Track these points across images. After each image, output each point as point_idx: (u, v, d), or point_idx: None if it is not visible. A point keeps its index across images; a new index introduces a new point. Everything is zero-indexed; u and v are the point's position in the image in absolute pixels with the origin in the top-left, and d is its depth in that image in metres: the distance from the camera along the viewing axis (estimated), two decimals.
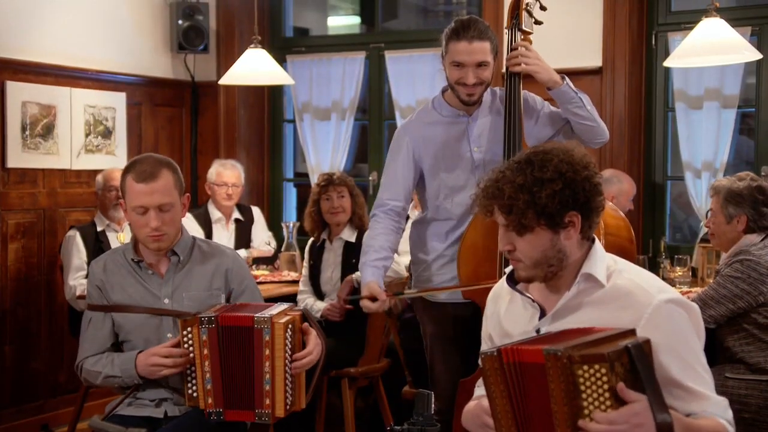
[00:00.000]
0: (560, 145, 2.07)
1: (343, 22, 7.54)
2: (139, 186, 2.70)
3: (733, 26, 4.10)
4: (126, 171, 2.77)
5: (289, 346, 2.56)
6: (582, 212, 2.00)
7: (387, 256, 3.22)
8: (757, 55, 4.18)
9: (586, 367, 1.72)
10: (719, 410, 1.94)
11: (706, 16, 4.08)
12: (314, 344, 2.64)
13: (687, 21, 4.55)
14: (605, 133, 3.24)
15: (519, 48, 3.14)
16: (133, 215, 2.74)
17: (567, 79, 3.13)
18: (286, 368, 2.55)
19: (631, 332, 1.85)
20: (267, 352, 2.53)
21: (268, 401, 2.56)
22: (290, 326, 2.57)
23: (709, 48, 4.05)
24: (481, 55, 3.06)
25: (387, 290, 3.17)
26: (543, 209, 1.97)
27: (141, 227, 2.73)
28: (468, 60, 3.06)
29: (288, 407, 2.58)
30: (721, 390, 3.17)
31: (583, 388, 1.73)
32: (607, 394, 1.72)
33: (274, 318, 2.54)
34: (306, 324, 2.69)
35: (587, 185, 2.00)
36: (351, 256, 4.41)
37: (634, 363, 1.75)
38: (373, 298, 3.07)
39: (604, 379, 1.72)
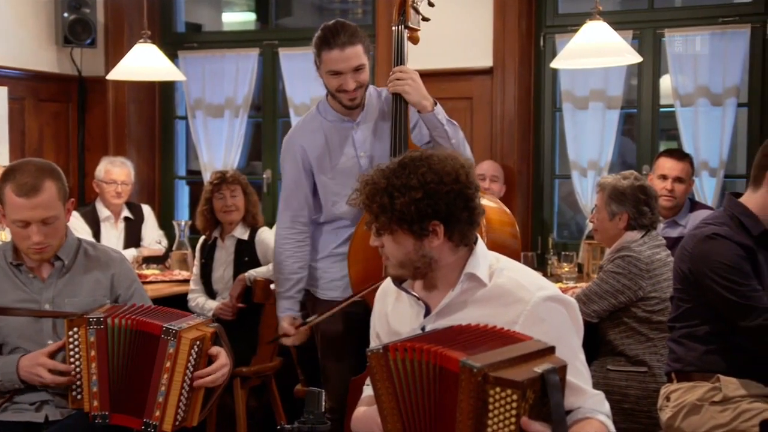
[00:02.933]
0: (439, 153, 2.08)
1: (238, 18, 7.46)
2: (20, 200, 2.57)
3: (615, 29, 4.23)
4: (5, 179, 2.62)
5: (192, 362, 2.48)
6: (445, 222, 2.02)
7: (299, 279, 3.29)
8: (637, 58, 4.33)
9: (498, 389, 1.73)
10: (596, 404, 2.00)
11: (590, 20, 4.20)
12: (220, 365, 2.54)
13: (573, 24, 4.67)
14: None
15: (396, 70, 3.13)
16: (13, 227, 2.62)
17: (438, 107, 3.13)
18: (184, 384, 2.47)
19: (550, 350, 1.85)
20: (168, 364, 2.46)
21: (158, 413, 2.48)
22: (198, 343, 2.49)
23: (593, 50, 4.17)
24: (355, 59, 3.06)
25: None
26: (399, 215, 2.00)
27: (22, 240, 2.63)
28: (344, 67, 3.06)
29: (177, 423, 2.51)
30: (602, 382, 3.31)
31: (491, 407, 1.74)
32: (513, 419, 1.73)
33: (182, 332, 2.46)
34: (216, 347, 2.58)
35: (451, 198, 2.00)
36: (243, 254, 4.39)
37: (545, 390, 1.76)
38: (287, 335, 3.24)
39: (514, 404, 1.73)
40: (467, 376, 1.73)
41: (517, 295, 2.01)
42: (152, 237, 5.23)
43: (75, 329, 2.53)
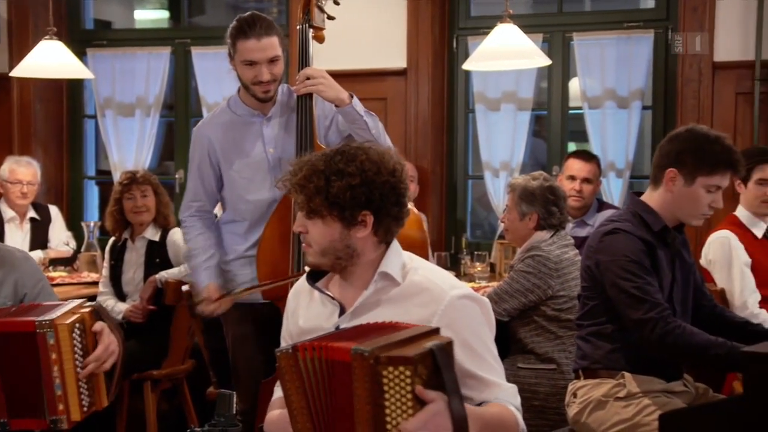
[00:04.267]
0: (379, 147, 2.11)
1: (151, 16, 7.35)
2: None
3: (526, 33, 4.30)
4: None
5: (79, 347, 2.41)
6: (375, 214, 2.04)
7: (213, 254, 3.22)
8: (546, 61, 4.41)
9: (391, 368, 1.74)
10: (509, 396, 2.04)
11: (500, 23, 4.26)
12: (106, 343, 2.44)
13: (485, 26, 4.73)
14: None
15: (305, 71, 3.12)
16: None
17: (355, 99, 3.14)
18: (78, 370, 2.42)
19: (435, 331, 1.89)
20: (54, 356, 2.38)
21: (61, 407, 2.41)
22: (78, 326, 2.41)
23: (503, 53, 4.24)
24: (271, 50, 3.06)
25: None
26: (333, 199, 2.02)
27: None
28: (260, 57, 3.05)
29: (86, 409, 2.44)
30: (513, 380, 3.31)
31: (386, 388, 1.75)
32: (409, 395, 1.75)
33: (57, 320, 2.37)
34: (99, 323, 2.50)
35: (386, 190, 2.03)
36: (154, 255, 4.33)
37: (437, 364, 1.78)
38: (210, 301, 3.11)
39: (408, 381, 1.74)
40: (359, 362, 1.75)
41: (431, 294, 2.03)
42: (59, 238, 5.11)
43: None
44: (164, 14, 7.16)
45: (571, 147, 5.28)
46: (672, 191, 2.73)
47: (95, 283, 4.51)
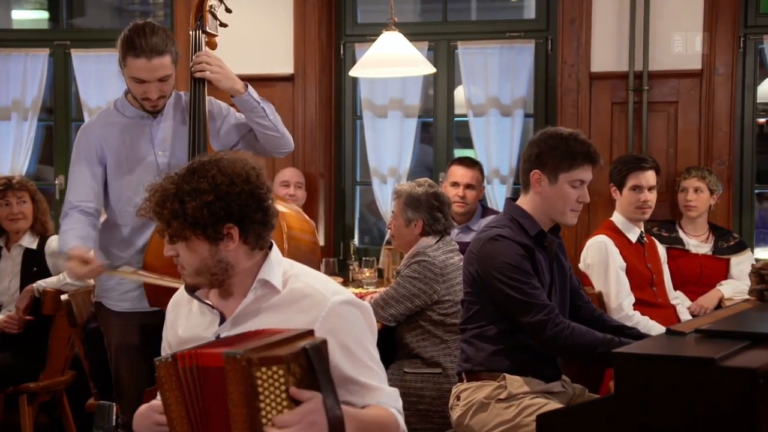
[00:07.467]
0: (229, 157, 2.07)
1: (29, 16, 7.11)
2: None
3: (411, 41, 4.36)
4: None
5: None
6: (239, 224, 2.01)
7: (90, 236, 3.04)
8: (431, 69, 4.48)
9: (264, 369, 1.74)
10: (390, 400, 2.06)
11: (386, 30, 4.30)
12: None
13: (371, 33, 4.77)
14: (289, 143, 3.30)
15: (202, 55, 3.12)
16: None
17: (250, 87, 3.15)
18: None
19: (310, 333, 1.89)
20: None
21: None
22: None
23: (389, 60, 4.27)
24: (162, 71, 3.00)
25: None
26: (192, 220, 1.97)
27: None
28: (150, 77, 3.00)
29: None
30: (399, 384, 3.40)
31: (261, 389, 1.75)
32: (284, 395, 1.75)
33: None
34: None
35: (243, 199, 2.00)
36: (32, 264, 4.22)
37: (311, 363, 1.79)
38: (84, 262, 2.89)
39: (282, 380, 1.75)
40: (232, 365, 1.75)
41: (312, 300, 2.03)
42: None
43: None
44: (43, 15, 6.93)
45: (458, 153, 5.36)
46: (540, 193, 2.83)
47: None
